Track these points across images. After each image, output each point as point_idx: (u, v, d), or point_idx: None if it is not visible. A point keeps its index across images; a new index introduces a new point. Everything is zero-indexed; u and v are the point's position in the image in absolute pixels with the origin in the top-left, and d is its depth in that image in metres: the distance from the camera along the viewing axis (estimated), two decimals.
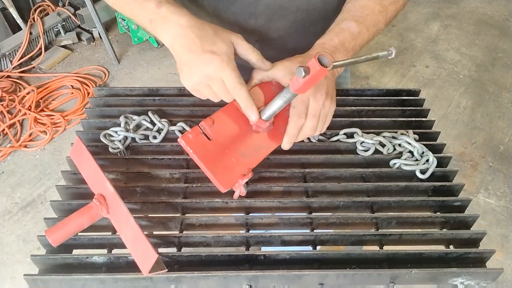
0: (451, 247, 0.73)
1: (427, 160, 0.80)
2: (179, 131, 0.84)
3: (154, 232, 0.74)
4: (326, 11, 0.83)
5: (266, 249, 0.70)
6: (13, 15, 2.81)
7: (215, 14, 0.82)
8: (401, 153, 0.82)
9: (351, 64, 0.62)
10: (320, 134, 0.84)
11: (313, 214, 0.75)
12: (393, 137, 0.83)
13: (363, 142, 0.82)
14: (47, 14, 3.06)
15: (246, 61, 0.93)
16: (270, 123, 0.69)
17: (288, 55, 0.72)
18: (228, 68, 0.63)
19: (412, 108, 0.94)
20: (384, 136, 0.83)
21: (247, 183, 0.77)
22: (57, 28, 3.02)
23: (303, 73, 0.55)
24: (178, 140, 0.66)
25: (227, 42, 0.65)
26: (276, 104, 0.66)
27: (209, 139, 0.67)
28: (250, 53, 0.68)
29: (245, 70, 0.98)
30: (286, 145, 0.71)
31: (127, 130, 0.83)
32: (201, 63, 0.63)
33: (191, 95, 0.70)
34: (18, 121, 2.45)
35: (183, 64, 0.66)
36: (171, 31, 0.65)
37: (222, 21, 0.83)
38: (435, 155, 0.80)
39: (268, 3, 0.78)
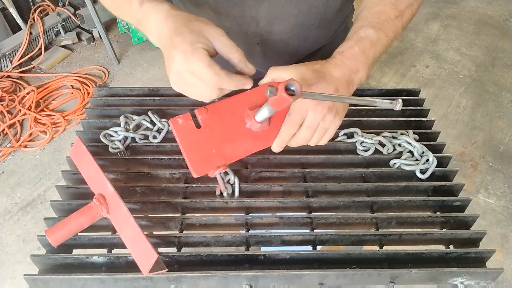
0: (451, 247, 0.73)
1: (427, 160, 0.80)
2: None
3: (154, 232, 0.74)
4: (327, 14, 0.83)
5: (266, 249, 0.70)
6: (13, 15, 2.81)
7: (217, 16, 0.82)
8: (401, 153, 0.82)
9: (330, 100, 0.61)
10: None
11: (313, 214, 0.75)
12: (393, 137, 0.83)
13: (363, 142, 0.82)
14: (47, 14, 3.06)
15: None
16: (265, 124, 0.69)
17: (289, 57, 0.71)
18: (193, 58, 0.56)
19: (412, 108, 0.94)
20: (384, 136, 0.83)
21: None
22: (57, 28, 3.02)
23: (269, 93, 0.54)
24: (169, 121, 0.67)
25: (196, 31, 0.59)
26: (264, 111, 0.65)
27: (198, 126, 0.68)
28: (231, 51, 0.60)
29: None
30: (275, 148, 0.70)
31: (127, 130, 0.83)
32: (169, 60, 0.59)
33: None
34: (18, 121, 2.45)
35: (166, 64, 0.62)
36: (154, 30, 0.62)
37: (223, 24, 0.83)
38: (435, 155, 0.80)
39: (270, 7, 0.78)
